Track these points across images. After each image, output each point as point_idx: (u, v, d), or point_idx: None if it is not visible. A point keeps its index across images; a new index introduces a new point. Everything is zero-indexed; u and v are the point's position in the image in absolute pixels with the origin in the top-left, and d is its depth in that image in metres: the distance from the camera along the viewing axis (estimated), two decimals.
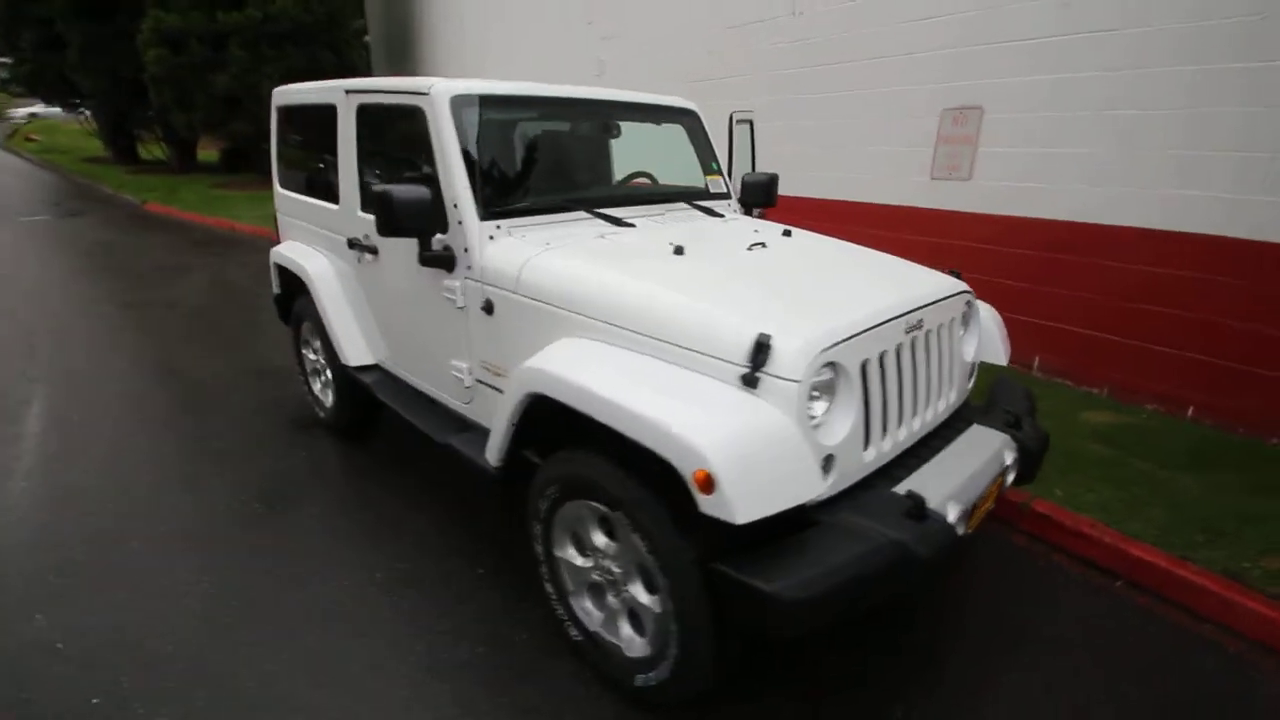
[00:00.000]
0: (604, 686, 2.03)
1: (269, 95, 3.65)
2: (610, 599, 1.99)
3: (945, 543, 1.66)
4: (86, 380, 4.35)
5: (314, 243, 3.34)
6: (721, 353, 1.70)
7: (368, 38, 14.79)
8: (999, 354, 2.47)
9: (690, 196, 3.00)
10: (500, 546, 2.70)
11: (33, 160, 20.79)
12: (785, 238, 2.61)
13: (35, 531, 2.73)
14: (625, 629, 1.96)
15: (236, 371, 4.52)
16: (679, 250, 2.22)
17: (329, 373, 3.50)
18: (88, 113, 18.39)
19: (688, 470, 1.49)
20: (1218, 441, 3.44)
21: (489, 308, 2.28)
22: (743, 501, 1.46)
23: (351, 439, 3.59)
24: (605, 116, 2.94)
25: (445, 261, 2.37)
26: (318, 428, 3.72)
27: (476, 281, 2.30)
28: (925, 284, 2.20)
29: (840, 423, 1.74)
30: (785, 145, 5.26)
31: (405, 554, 2.65)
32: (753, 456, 1.51)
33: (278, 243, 3.83)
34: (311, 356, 3.68)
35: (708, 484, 1.47)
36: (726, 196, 3.19)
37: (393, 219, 2.19)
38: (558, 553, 2.08)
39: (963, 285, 2.31)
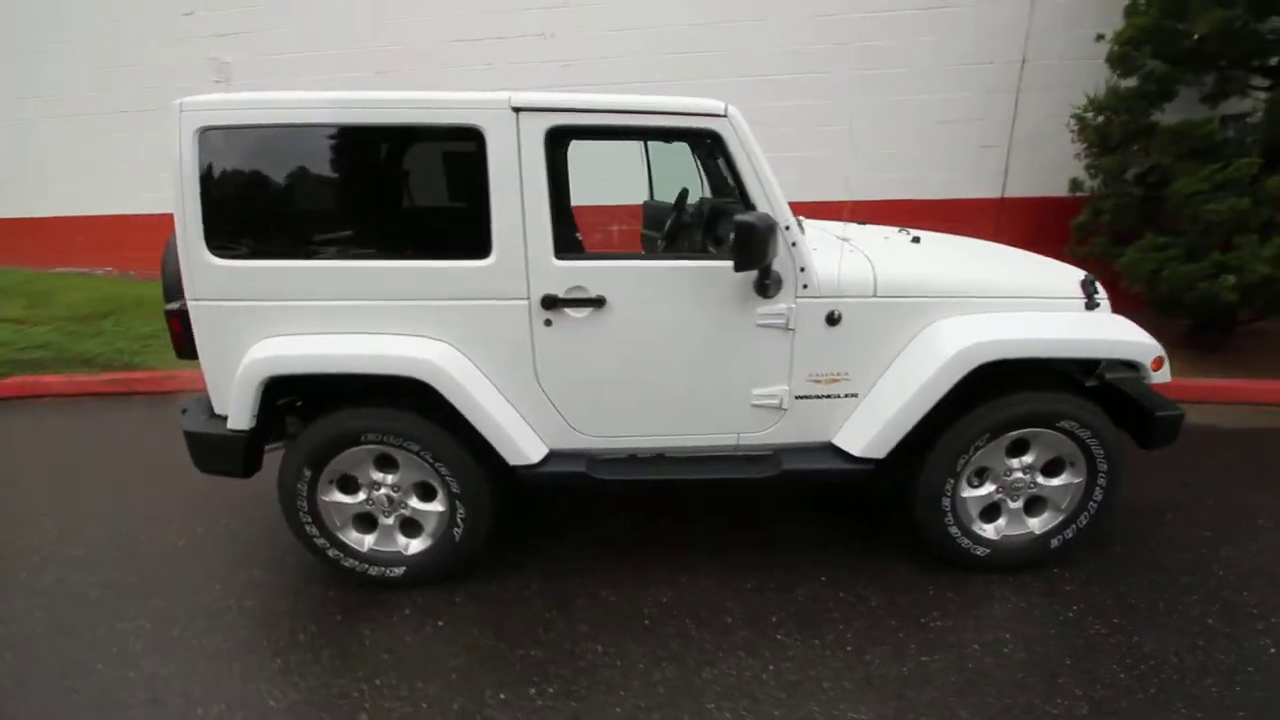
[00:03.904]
0: (1015, 572, 2.60)
1: None
2: (1011, 504, 2.57)
3: None
4: None
5: (379, 325, 2.29)
6: (1066, 294, 2.52)
7: None
8: None
9: None
10: (817, 551, 2.74)
11: None
12: (864, 228, 3.37)
13: None
14: (1028, 519, 2.60)
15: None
16: (916, 240, 2.81)
17: (417, 501, 2.50)
18: None
19: (1149, 359, 2.34)
20: None
21: (834, 319, 2.38)
22: (1169, 368, 2.41)
23: (450, 579, 2.63)
24: None
25: (775, 287, 2.31)
26: (389, 594, 2.55)
27: (817, 298, 2.35)
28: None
29: None
30: None
31: (758, 596, 2.45)
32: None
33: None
34: (341, 499, 2.47)
35: (1160, 364, 2.36)
36: None
37: (760, 251, 2.13)
38: (964, 494, 2.51)
39: None
